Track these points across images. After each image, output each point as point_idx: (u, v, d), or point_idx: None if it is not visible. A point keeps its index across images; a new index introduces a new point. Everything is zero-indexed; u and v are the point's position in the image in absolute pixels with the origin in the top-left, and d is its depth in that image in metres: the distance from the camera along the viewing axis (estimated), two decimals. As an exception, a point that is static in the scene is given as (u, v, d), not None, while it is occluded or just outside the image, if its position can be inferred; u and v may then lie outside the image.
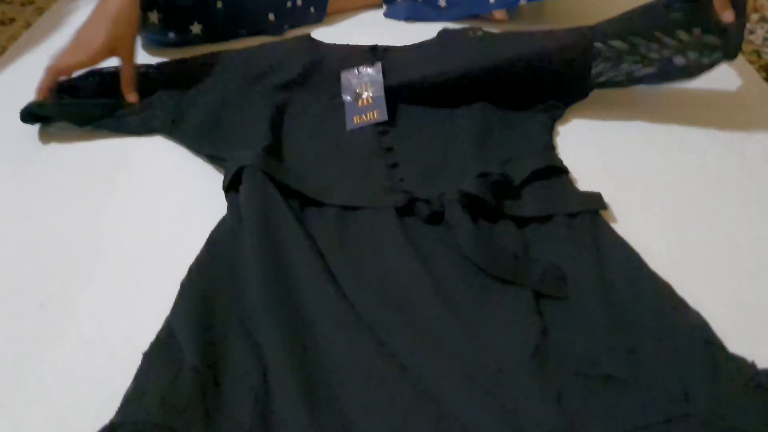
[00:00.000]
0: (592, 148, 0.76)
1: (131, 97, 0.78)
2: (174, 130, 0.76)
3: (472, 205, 0.63)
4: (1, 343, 0.55)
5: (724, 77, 0.86)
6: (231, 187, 0.66)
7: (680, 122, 0.80)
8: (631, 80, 0.77)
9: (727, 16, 0.72)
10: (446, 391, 0.49)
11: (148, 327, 0.53)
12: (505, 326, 0.54)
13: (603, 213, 0.65)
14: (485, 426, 0.47)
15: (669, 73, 0.76)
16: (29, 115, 0.77)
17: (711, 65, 0.75)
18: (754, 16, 1.08)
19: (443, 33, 0.88)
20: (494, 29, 0.87)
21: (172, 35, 0.90)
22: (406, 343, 0.52)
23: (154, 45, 0.93)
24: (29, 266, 0.62)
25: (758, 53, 0.97)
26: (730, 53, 0.74)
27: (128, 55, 0.79)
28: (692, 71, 0.76)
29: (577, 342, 0.53)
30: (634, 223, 0.65)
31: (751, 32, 1.02)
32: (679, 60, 0.75)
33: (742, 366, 0.50)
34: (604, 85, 0.78)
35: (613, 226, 0.64)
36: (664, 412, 0.48)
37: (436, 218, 0.63)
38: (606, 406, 0.49)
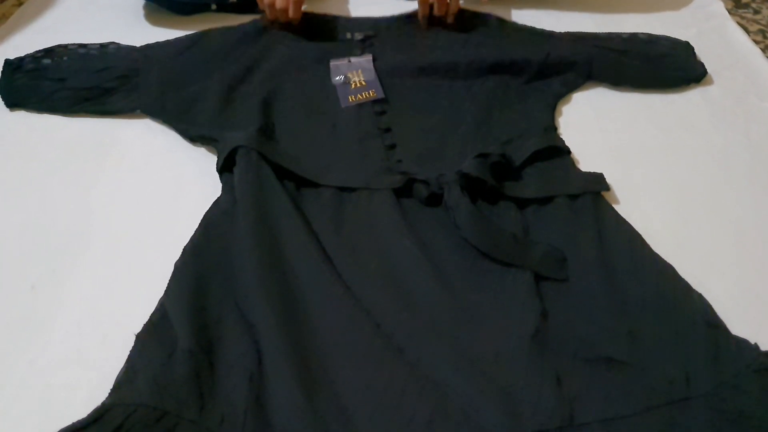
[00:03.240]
0: (594, 129, 0.75)
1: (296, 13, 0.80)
2: (158, 109, 0.74)
3: (472, 187, 0.62)
4: (-8, 326, 0.54)
5: (729, 57, 0.86)
6: (225, 168, 0.64)
7: (684, 103, 0.78)
8: None
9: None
10: (444, 373, 0.49)
11: (140, 309, 0.52)
12: (504, 309, 0.54)
13: (605, 194, 0.64)
14: (483, 408, 0.46)
15: None
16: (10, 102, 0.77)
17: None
18: (760, -4, 1.06)
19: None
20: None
21: None
22: (403, 326, 0.52)
23: (153, 11, 0.91)
24: (20, 249, 0.61)
25: (764, 33, 0.96)
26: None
27: None
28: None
29: (578, 325, 0.53)
30: (637, 205, 0.64)
31: (757, 12, 1.00)
32: None
33: (745, 348, 0.50)
34: None
35: (616, 207, 0.63)
36: (665, 395, 0.48)
37: (435, 200, 0.62)
38: (606, 389, 0.48)
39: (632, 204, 0.64)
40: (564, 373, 0.49)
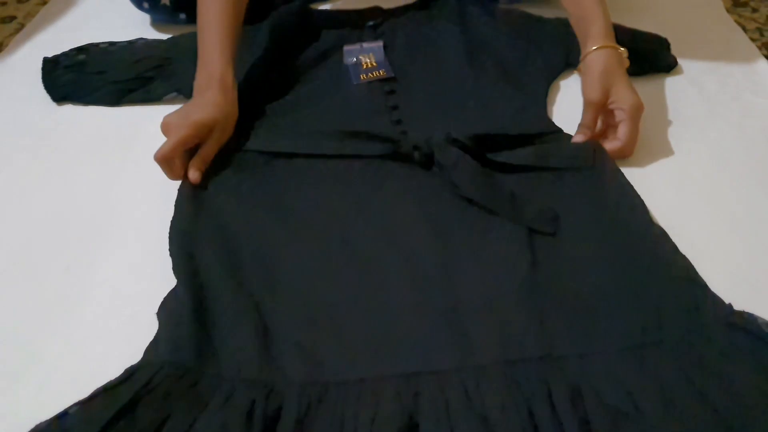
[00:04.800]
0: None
1: (195, 174, 0.66)
2: None
3: (467, 150, 0.65)
4: (29, 306, 0.58)
5: (726, 54, 0.88)
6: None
7: (681, 98, 0.80)
8: None
9: (578, 137, 0.71)
10: (438, 318, 0.53)
11: (164, 288, 0.56)
12: (496, 259, 0.58)
13: None
14: (474, 337, 0.52)
15: None
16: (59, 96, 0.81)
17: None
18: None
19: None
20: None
21: (183, 16, 0.92)
22: (402, 276, 0.57)
23: (164, 24, 0.95)
24: (56, 234, 0.65)
25: (761, 31, 0.98)
26: None
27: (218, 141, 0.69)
28: None
29: (565, 276, 0.57)
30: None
31: (755, 10, 1.02)
32: None
33: (719, 305, 0.54)
34: None
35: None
36: (639, 338, 0.52)
37: (430, 161, 0.67)
38: (585, 330, 0.53)
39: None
40: (547, 316, 0.53)
